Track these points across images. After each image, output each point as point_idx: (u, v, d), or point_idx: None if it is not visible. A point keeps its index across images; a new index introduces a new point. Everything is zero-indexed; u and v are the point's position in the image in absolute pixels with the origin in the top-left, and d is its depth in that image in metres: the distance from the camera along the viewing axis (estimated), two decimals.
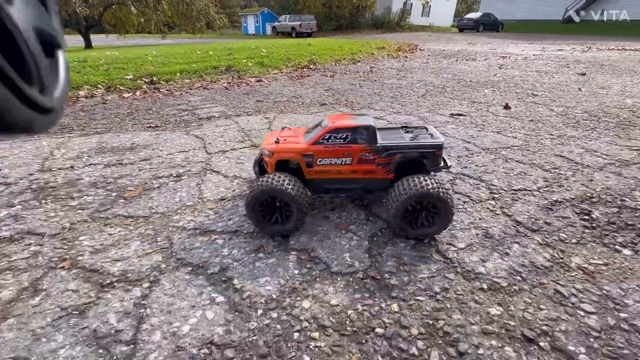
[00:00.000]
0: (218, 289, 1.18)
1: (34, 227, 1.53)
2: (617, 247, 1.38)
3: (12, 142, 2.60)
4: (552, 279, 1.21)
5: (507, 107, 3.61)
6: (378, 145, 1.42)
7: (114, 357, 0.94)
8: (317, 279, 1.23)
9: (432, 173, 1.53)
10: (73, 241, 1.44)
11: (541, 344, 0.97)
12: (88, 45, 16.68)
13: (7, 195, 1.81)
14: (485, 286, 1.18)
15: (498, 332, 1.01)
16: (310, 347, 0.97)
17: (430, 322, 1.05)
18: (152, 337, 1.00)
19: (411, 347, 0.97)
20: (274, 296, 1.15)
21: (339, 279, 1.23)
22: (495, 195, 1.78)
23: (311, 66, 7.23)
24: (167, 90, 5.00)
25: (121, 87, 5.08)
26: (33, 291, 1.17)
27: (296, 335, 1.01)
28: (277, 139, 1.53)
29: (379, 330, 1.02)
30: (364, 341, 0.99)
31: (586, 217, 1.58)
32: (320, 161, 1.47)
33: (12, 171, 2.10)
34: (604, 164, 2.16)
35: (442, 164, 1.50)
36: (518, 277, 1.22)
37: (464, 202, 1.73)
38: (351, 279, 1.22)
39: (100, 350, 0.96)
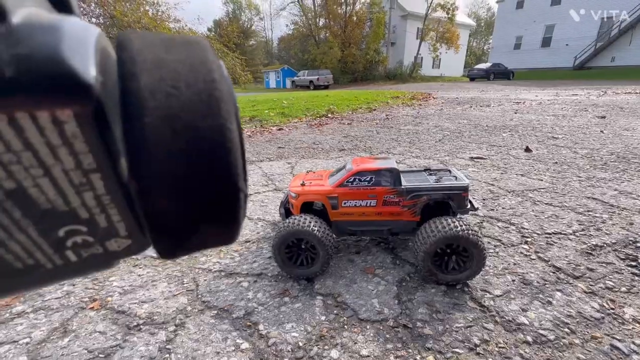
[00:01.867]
0: (243, 334, 1.15)
1: None
2: None
3: None
4: (605, 333, 1.10)
5: (528, 149, 3.59)
6: (402, 187, 1.44)
7: None
8: (345, 326, 1.17)
9: (460, 215, 1.51)
10: (104, 282, 1.47)
11: None
12: None
13: None
14: (530, 339, 1.08)
15: None
16: None
17: None
18: None
19: None
20: (301, 344, 1.10)
21: (368, 326, 1.17)
22: (528, 239, 1.70)
23: (329, 115, 7.64)
24: None
25: None
26: (63, 331, 1.18)
27: None
28: (303, 182, 1.59)
29: None
30: None
31: (633, 264, 1.47)
32: (345, 203, 1.49)
33: None
34: None
35: (468, 205, 1.48)
36: (566, 330, 1.11)
37: (494, 245, 1.66)
38: (381, 327, 1.16)
39: None
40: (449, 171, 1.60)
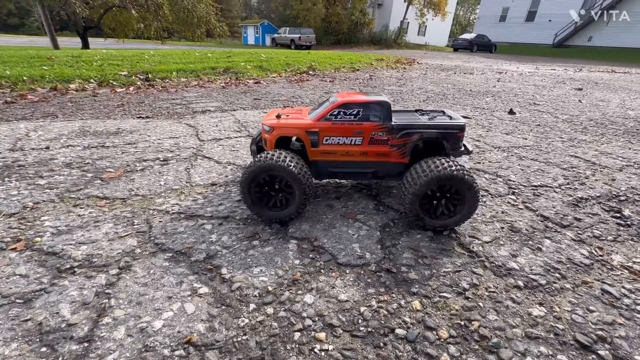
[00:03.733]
0: (202, 278, 0.97)
1: None
2: None
3: None
4: (595, 278, 1.04)
5: (511, 112, 3.52)
6: (393, 123, 1.26)
7: (60, 358, 0.72)
8: (322, 270, 1.03)
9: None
10: (33, 221, 1.22)
11: (601, 352, 0.78)
12: (85, 46, 16.53)
13: None
14: (521, 283, 1.00)
15: (546, 336, 0.82)
16: (316, 350, 0.77)
17: (462, 322, 0.86)
18: (114, 333, 0.78)
19: (442, 353, 0.77)
20: (270, 288, 0.95)
21: (347, 271, 1.03)
22: (515, 191, 1.62)
23: (310, 72, 7.18)
24: (162, 87, 4.83)
25: (114, 83, 4.88)
26: None
27: (297, 335, 0.81)
28: (279, 114, 1.36)
29: (399, 331, 0.83)
30: (382, 344, 0.79)
31: (618, 215, 1.43)
32: (326, 140, 1.29)
33: None
34: (622, 165, 2.03)
35: (462, 148, 1.34)
36: (557, 275, 1.04)
37: (482, 195, 1.56)
38: (362, 272, 1.03)
39: (44, 349, 0.74)
40: (443, 112, 1.44)
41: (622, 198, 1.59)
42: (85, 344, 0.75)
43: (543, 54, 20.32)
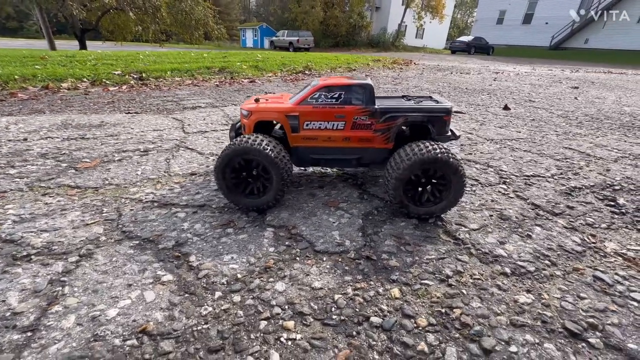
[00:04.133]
0: (168, 266, 0.91)
1: None
2: None
3: None
4: (587, 265, 0.98)
5: (506, 107, 3.48)
6: (376, 107, 1.21)
7: None
8: (297, 258, 0.97)
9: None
10: None
11: (591, 340, 0.72)
12: (83, 49, 16.52)
13: None
14: (508, 270, 0.94)
15: (532, 324, 0.76)
16: (282, 339, 0.71)
17: (443, 310, 0.79)
18: (62, 322, 0.72)
19: (419, 342, 0.71)
20: (240, 276, 0.89)
21: (324, 258, 0.97)
22: (507, 180, 1.57)
23: (306, 72, 7.14)
24: (155, 85, 4.78)
25: (107, 81, 4.83)
26: None
27: (263, 324, 0.74)
28: (258, 98, 1.31)
29: (375, 319, 0.76)
30: (355, 333, 0.73)
31: (612, 204, 1.37)
32: (307, 125, 1.24)
33: None
34: (618, 157, 1.98)
35: (449, 133, 1.28)
36: (547, 262, 0.98)
37: (471, 185, 1.50)
38: (340, 259, 0.97)
39: None
40: (430, 97, 1.38)
41: (616, 187, 1.53)
42: (29, 334, 0.69)
43: (540, 56, 20.42)
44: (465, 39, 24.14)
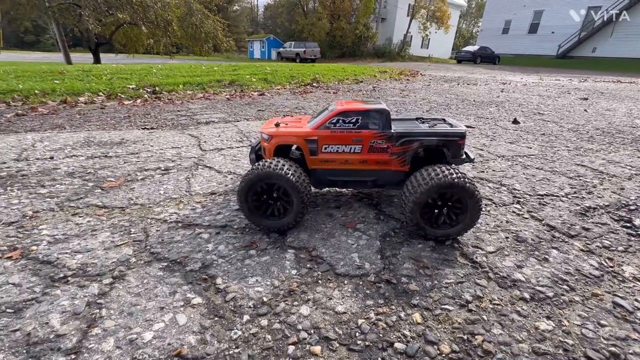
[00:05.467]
0: (196, 288, 0.95)
1: None
2: None
3: None
4: (606, 290, 0.99)
5: (515, 121, 3.50)
6: (392, 131, 1.25)
7: None
8: (320, 281, 1.00)
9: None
10: (31, 230, 1.21)
11: None
12: (97, 62, 17.06)
13: None
14: (527, 296, 0.95)
15: (554, 352, 0.78)
16: None
17: (465, 337, 0.81)
18: (102, 345, 0.76)
19: None
20: (265, 299, 0.92)
21: (345, 282, 1.00)
22: (520, 200, 1.58)
23: (314, 84, 7.27)
24: (168, 99, 4.92)
25: (122, 95, 4.99)
26: None
27: (291, 349, 0.77)
28: (278, 123, 1.36)
29: (398, 345, 0.79)
30: (380, 359, 0.75)
31: (628, 225, 1.38)
32: (325, 148, 1.28)
33: None
34: (631, 174, 1.98)
35: (464, 156, 1.32)
36: (565, 287, 1.00)
37: (485, 204, 1.53)
38: (361, 282, 1.00)
39: None
40: (444, 120, 1.42)
41: (632, 207, 1.54)
42: (72, 356, 0.73)
43: (547, 65, 20.37)
44: (471, 48, 24.26)
